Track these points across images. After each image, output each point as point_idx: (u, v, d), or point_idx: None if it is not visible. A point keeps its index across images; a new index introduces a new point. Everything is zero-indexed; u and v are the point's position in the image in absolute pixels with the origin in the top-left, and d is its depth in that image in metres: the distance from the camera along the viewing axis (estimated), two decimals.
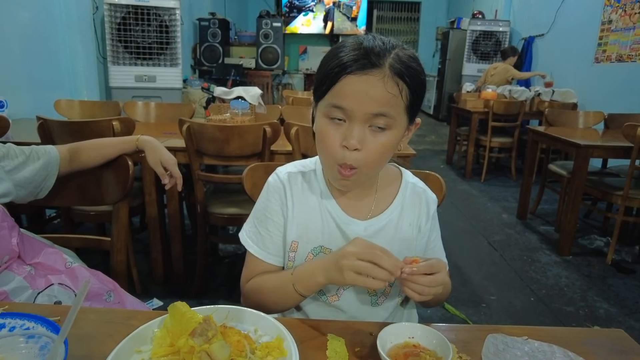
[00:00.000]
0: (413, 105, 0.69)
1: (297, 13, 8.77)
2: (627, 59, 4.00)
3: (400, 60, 0.66)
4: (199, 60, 5.79)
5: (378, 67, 0.65)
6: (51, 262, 0.99)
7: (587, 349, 0.67)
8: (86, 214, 1.98)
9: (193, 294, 2.08)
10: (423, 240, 0.85)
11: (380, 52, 0.65)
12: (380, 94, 0.65)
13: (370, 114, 0.66)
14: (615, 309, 2.14)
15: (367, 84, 0.65)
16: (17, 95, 2.74)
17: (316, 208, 0.80)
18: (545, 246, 2.86)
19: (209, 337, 0.56)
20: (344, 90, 0.66)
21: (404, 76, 0.66)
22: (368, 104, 0.66)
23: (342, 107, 0.67)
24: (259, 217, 0.83)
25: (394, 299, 0.84)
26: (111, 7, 3.51)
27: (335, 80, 0.66)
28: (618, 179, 2.76)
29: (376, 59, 0.65)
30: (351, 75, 0.65)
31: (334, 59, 0.67)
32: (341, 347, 0.64)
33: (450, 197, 3.85)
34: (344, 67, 0.65)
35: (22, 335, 0.54)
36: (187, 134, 1.81)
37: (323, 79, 0.68)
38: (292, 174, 0.83)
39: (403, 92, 0.66)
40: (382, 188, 0.83)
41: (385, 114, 0.66)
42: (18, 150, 1.00)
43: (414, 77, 0.67)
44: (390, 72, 0.65)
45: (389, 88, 0.65)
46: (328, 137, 0.69)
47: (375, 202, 0.82)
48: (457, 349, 0.65)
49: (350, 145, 0.67)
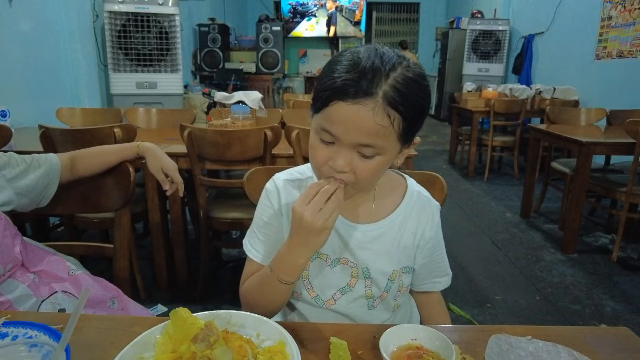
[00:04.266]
0: (407, 132, 0.65)
1: (301, 18, 8.85)
2: (627, 54, 3.99)
3: (398, 86, 0.61)
4: (200, 65, 5.82)
5: (370, 96, 0.60)
6: (54, 270, 0.99)
7: (592, 347, 0.67)
8: (89, 221, 1.99)
9: (197, 299, 2.08)
10: (427, 248, 0.84)
11: (376, 77, 0.61)
12: (368, 126, 0.61)
13: (357, 143, 0.64)
14: (622, 307, 2.12)
15: (357, 115, 0.61)
16: (19, 104, 2.76)
17: None
18: (549, 244, 2.85)
19: (211, 342, 0.56)
20: (333, 116, 0.63)
21: (397, 105, 0.61)
22: (355, 134, 0.63)
23: (330, 132, 0.65)
24: (257, 223, 0.83)
25: (390, 303, 0.84)
26: (111, 14, 3.53)
27: (326, 104, 0.64)
28: (622, 176, 2.74)
29: (369, 87, 0.60)
30: (341, 102, 0.62)
31: (328, 78, 0.64)
32: (344, 350, 0.64)
33: (454, 197, 3.84)
34: (334, 91, 0.62)
35: (24, 344, 0.54)
36: (188, 139, 1.81)
37: (316, 97, 0.66)
38: (289, 182, 0.82)
39: (395, 122, 0.62)
40: (382, 194, 0.82)
41: (372, 145, 0.63)
42: (19, 159, 1.01)
43: (412, 105, 0.63)
44: (382, 103, 0.61)
45: (379, 120, 0.61)
46: (317, 154, 0.68)
47: (375, 208, 0.81)
48: (460, 350, 0.65)
49: (336, 167, 0.66)
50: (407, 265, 0.83)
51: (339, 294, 0.81)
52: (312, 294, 0.82)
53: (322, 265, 0.81)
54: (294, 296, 0.84)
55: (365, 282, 0.81)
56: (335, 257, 0.80)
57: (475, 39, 6.56)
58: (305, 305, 0.84)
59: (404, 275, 0.83)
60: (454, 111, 4.92)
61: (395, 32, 10.82)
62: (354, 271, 0.80)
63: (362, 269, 0.80)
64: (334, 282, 0.81)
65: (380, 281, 0.81)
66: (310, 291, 0.82)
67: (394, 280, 0.81)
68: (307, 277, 0.81)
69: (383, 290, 0.81)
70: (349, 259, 0.80)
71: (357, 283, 0.81)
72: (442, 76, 8.06)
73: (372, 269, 0.80)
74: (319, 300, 0.81)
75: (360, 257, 0.80)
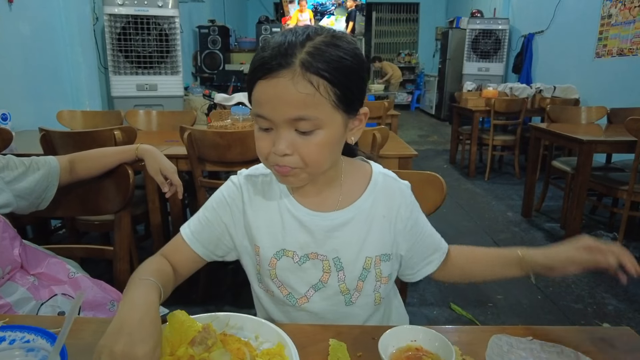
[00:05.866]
0: (343, 98, 0.63)
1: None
2: (628, 52, 3.98)
3: (314, 51, 0.60)
4: (200, 67, 5.82)
5: (286, 67, 0.59)
6: (54, 273, 0.99)
7: (593, 348, 0.66)
8: (90, 224, 1.99)
9: (198, 301, 2.08)
10: (406, 230, 0.79)
11: (289, 49, 0.60)
12: (292, 97, 0.60)
13: (289, 118, 0.62)
14: (625, 305, 2.11)
15: (277, 88, 0.60)
16: (20, 107, 2.77)
17: (275, 210, 0.77)
18: (551, 243, 2.83)
19: (209, 345, 0.56)
20: (259, 97, 0.63)
21: (317, 70, 0.59)
22: (283, 109, 0.61)
23: (262, 116, 0.64)
24: (206, 206, 0.81)
25: (369, 296, 0.78)
26: (111, 17, 3.53)
27: (252, 88, 0.64)
28: (623, 174, 2.73)
29: (284, 59, 0.60)
30: (262, 80, 0.61)
31: (252, 63, 0.64)
32: (343, 352, 0.64)
33: (455, 196, 3.84)
34: (254, 73, 0.62)
35: (21, 348, 0.54)
36: (188, 141, 1.81)
37: (247, 83, 0.66)
38: (251, 177, 0.80)
39: (321, 88, 0.60)
40: (348, 182, 0.78)
41: (304, 117, 0.61)
42: (18, 161, 1.01)
43: (334, 67, 0.61)
44: (300, 70, 0.59)
45: (301, 88, 0.59)
46: (260, 145, 0.67)
47: (342, 197, 0.77)
48: (460, 351, 0.65)
49: (278, 152, 0.64)
50: (385, 253, 0.78)
51: (312, 291, 0.77)
52: (284, 291, 0.77)
53: (290, 263, 0.76)
54: (267, 294, 0.81)
55: (338, 274, 0.76)
56: (303, 253, 0.76)
57: (475, 39, 6.56)
58: (273, 307, 0.81)
59: (382, 263, 0.78)
60: (455, 111, 4.91)
61: (395, 32, 10.82)
62: (325, 265, 0.76)
63: (333, 260, 0.76)
64: (305, 279, 0.77)
65: (353, 270, 0.76)
66: (282, 289, 0.77)
67: (369, 268, 0.77)
68: (275, 275, 0.77)
69: (358, 279, 0.77)
70: (319, 253, 0.76)
71: (329, 278, 0.76)
72: (442, 76, 8.05)
73: (343, 259, 0.76)
74: (292, 299, 0.77)
75: (329, 247, 0.75)
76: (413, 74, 10.37)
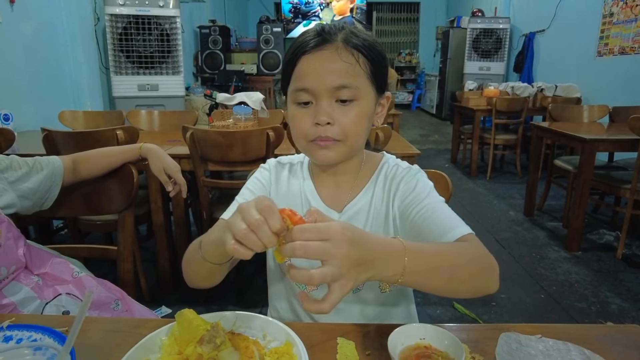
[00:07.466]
0: (376, 74, 0.71)
1: (303, 19, 8.51)
2: (630, 51, 3.97)
3: (353, 33, 0.70)
4: (201, 67, 5.82)
5: (330, 42, 0.68)
6: (58, 272, 0.99)
7: (602, 345, 0.66)
8: (93, 224, 1.99)
9: (201, 301, 2.07)
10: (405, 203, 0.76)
11: (332, 30, 0.69)
12: (336, 66, 0.67)
13: (332, 87, 0.68)
14: (628, 304, 2.11)
15: (322, 59, 0.68)
16: (22, 108, 2.77)
17: (297, 194, 0.83)
18: (553, 242, 2.83)
19: (217, 344, 0.55)
20: (303, 70, 0.69)
21: (358, 47, 0.69)
22: (327, 78, 0.68)
23: (305, 88, 0.69)
24: (242, 193, 0.84)
25: (373, 288, 0.81)
26: (112, 17, 3.53)
27: (294, 64, 0.70)
28: (625, 172, 2.73)
29: (328, 36, 0.69)
30: (307, 54, 0.69)
31: (292, 47, 0.72)
32: (352, 350, 0.63)
33: (457, 196, 3.83)
34: (299, 49, 0.69)
35: (29, 347, 0.54)
36: (190, 141, 1.81)
37: (285, 67, 0.72)
38: (280, 164, 0.87)
39: (360, 61, 0.69)
40: (362, 176, 0.82)
41: (346, 85, 0.68)
42: (21, 162, 1.01)
43: (370, 47, 0.70)
44: (343, 45, 0.68)
45: (344, 58, 0.68)
46: (299, 119, 0.71)
47: (352, 190, 0.81)
48: (469, 349, 0.64)
49: (321, 122, 0.68)
50: None
51: None
52: None
53: None
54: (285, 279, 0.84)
55: None
56: None
57: (476, 38, 6.55)
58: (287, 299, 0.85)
59: None
60: (456, 110, 4.91)
61: (396, 32, 10.81)
62: None
63: None
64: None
65: None
66: None
67: None
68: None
69: None
70: None
71: None
72: (443, 75, 8.04)
73: None
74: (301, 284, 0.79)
75: None
76: (414, 73, 10.36)
